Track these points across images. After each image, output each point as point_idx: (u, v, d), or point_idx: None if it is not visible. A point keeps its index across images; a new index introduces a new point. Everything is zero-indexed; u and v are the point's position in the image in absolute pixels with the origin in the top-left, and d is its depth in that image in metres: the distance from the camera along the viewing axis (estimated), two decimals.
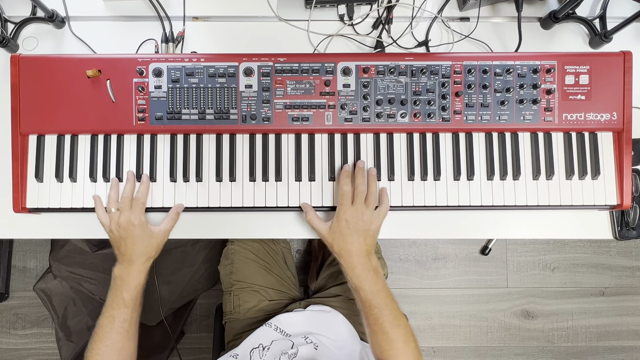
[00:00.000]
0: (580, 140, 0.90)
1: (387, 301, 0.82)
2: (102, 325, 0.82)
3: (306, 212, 0.86)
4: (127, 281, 0.83)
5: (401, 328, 0.81)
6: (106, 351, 0.81)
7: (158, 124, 0.87)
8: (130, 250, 0.83)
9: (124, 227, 0.83)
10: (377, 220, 0.84)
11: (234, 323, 1.13)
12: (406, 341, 0.81)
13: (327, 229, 0.84)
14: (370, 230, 0.83)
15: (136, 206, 0.84)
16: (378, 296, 0.81)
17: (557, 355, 1.92)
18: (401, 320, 0.82)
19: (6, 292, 1.85)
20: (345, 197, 0.83)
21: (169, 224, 0.86)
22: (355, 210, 0.82)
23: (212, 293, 1.82)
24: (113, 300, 0.83)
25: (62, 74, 0.86)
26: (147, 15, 0.95)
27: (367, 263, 0.82)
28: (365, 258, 0.82)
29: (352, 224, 0.81)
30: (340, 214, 0.83)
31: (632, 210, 0.91)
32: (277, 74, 0.87)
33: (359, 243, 0.82)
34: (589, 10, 0.97)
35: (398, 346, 0.80)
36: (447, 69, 0.87)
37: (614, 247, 1.94)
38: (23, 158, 0.88)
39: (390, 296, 0.83)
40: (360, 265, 0.82)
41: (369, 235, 0.82)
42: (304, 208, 0.87)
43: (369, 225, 0.82)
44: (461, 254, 1.93)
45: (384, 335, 0.80)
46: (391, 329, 0.80)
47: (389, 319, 0.81)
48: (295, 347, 0.89)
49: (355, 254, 0.82)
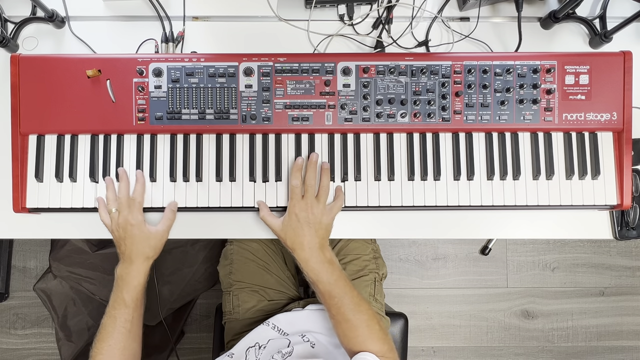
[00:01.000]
0: (580, 140, 0.90)
1: (346, 289, 0.82)
2: (105, 325, 0.83)
3: (260, 209, 0.87)
4: (128, 281, 0.83)
5: (362, 313, 0.81)
6: (109, 351, 0.81)
7: (158, 124, 0.87)
8: (129, 250, 0.83)
9: (122, 227, 0.83)
10: (329, 214, 0.84)
11: (234, 323, 1.13)
12: (369, 324, 0.81)
13: (279, 224, 0.85)
14: (322, 224, 0.83)
15: (133, 206, 0.84)
16: (336, 286, 0.82)
17: (557, 355, 1.92)
18: (362, 306, 0.82)
19: (6, 292, 1.85)
20: (294, 191, 0.84)
21: (165, 223, 0.86)
22: (304, 204, 0.83)
23: (212, 293, 1.82)
24: (115, 300, 0.84)
25: (62, 74, 0.86)
26: (147, 15, 0.95)
27: (321, 255, 0.82)
28: (318, 251, 0.82)
29: (302, 217, 0.82)
30: (291, 208, 0.83)
31: (632, 210, 0.91)
32: (277, 74, 0.87)
33: (310, 236, 0.82)
34: (589, 10, 0.97)
35: (362, 331, 0.80)
36: (447, 69, 0.87)
37: (614, 247, 1.94)
38: (23, 158, 0.87)
39: (348, 284, 0.83)
40: (314, 258, 0.82)
41: (320, 228, 0.83)
42: (259, 205, 0.87)
43: (320, 218, 0.83)
44: (461, 254, 1.93)
45: (347, 323, 0.81)
46: (353, 316, 0.81)
47: (350, 306, 0.81)
48: (291, 345, 0.89)
49: (308, 247, 0.82)
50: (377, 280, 1.15)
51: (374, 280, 1.14)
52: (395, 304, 1.89)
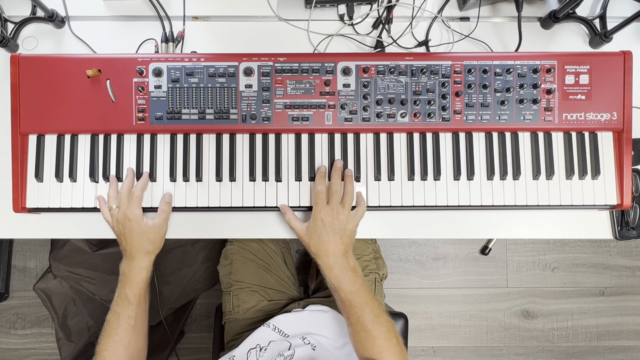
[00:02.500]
0: (580, 140, 0.90)
1: (367, 299, 0.81)
2: (109, 321, 0.84)
3: (284, 213, 0.86)
4: (130, 277, 0.83)
5: (382, 325, 0.80)
6: (113, 347, 0.82)
7: (158, 124, 0.87)
8: (129, 245, 0.83)
9: (121, 223, 0.83)
10: (354, 220, 0.84)
11: (234, 323, 1.13)
12: (388, 338, 0.80)
13: (304, 229, 0.84)
14: (347, 230, 0.82)
15: (131, 200, 0.84)
16: (358, 295, 0.81)
17: (557, 355, 1.92)
18: (382, 318, 0.81)
19: (6, 292, 1.85)
20: (319, 196, 0.83)
21: (161, 216, 0.86)
22: (330, 209, 0.82)
23: (212, 293, 1.82)
24: (118, 296, 0.84)
25: (62, 74, 0.86)
26: (147, 15, 0.95)
27: (344, 263, 0.82)
28: (342, 258, 0.82)
29: (327, 223, 0.81)
30: (316, 214, 0.82)
31: (632, 210, 0.91)
32: (277, 74, 0.87)
33: (335, 242, 0.81)
34: (589, 10, 0.97)
35: (380, 343, 0.79)
36: (447, 68, 0.87)
37: (614, 247, 1.94)
38: (23, 158, 0.87)
39: (370, 294, 0.82)
40: (338, 265, 0.81)
41: (345, 235, 0.82)
42: (282, 209, 0.87)
43: (345, 225, 0.82)
44: (461, 254, 1.93)
45: (365, 333, 0.80)
46: (372, 327, 0.80)
47: (370, 317, 0.80)
48: (292, 348, 0.89)
49: (332, 253, 0.81)
50: (377, 280, 1.15)
51: (374, 280, 1.14)
52: (395, 304, 1.89)
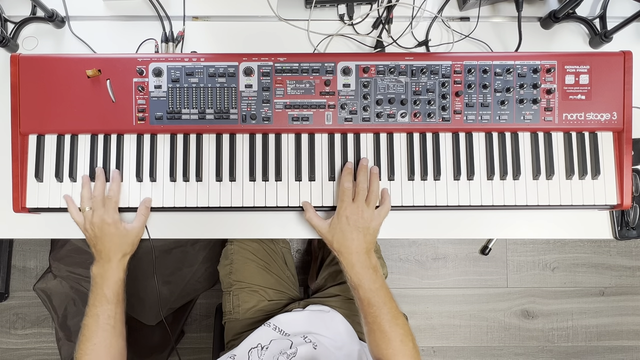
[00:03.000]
0: (581, 140, 0.90)
1: (386, 299, 0.81)
2: (87, 325, 0.82)
3: (306, 210, 0.86)
4: (107, 278, 0.83)
5: (399, 327, 0.81)
6: (94, 350, 0.81)
7: (158, 124, 0.87)
8: (107, 248, 0.83)
9: (98, 226, 0.83)
10: (378, 219, 0.84)
11: (234, 323, 1.13)
12: (403, 340, 0.80)
13: (326, 226, 0.84)
14: (370, 228, 0.82)
15: (109, 205, 0.84)
16: (377, 294, 0.81)
17: (557, 355, 1.92)
18: (399, 319, 0.81)
19: (6, 292, 1.85)
20: (346, 194, 0.83)
21: (140, 219, 0.86)
22: (356, 207, 0.82)
23: (212, 293, 1.82)
24: (95, 298, 0.83)
25: (62, 74, 0.86)
26: (147, 15, 0.95)
27: (367, 261, 0.82)
28: (364, 256, 0.82)
29: (352, 220, 0.81)
30: (341, 211, 0.82)
31: (632, 210, 0.91)
32: (277, 74, 0.87)
33: (358, 240, 0.81)
34: (589, 10, 0.97)
35: (395, 345, 0.80)
36: (447, 68, 0.87)
37: (614, 247, 1.94)
38: (23, 158, 0.87)
39: (389, 295, 0.83)
40: (360, 262, 0.81)
41: (368, 233, 0.82)
42: (304, 206, 0.87)
43: (369, 223, 0.82)
44: (461, 254, 1.93)
45: (381, 334, 0.80)
46: (389, 328, 0.80)
47: (387, 317, 0.80)
48: (294, 346, 0.89)
49: (355, 251, 0.81)
50: None
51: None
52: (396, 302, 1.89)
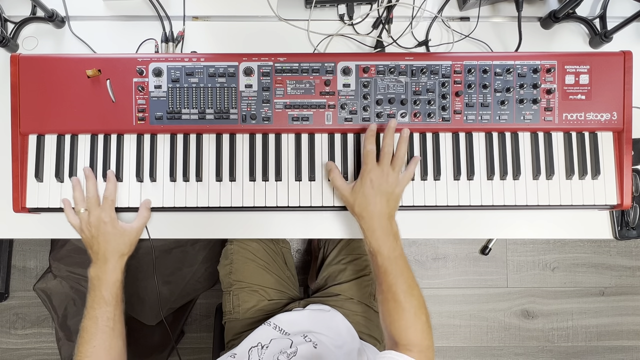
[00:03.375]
0: (581, 140, 0.90)
1: (404, 269, 0.79)
2: (86, 327, 0.82)
3: (330, 171, 0.85)
4: (105, 279, 0.83)
5: (414, 298, 0.78)
6: (94, 352, 0.80)
7: (158, 124, 0.87)
8: (103, 248, 0.83)
9: (95, 226, 0.83)
10: (402, 184, 0.82)
11: (234, 323, 1.13)
12: (417, 313, 0.78)
13: (349, 188, 0.82)
14: (394, 194, 0.80)
15: (106, 204, 0.84)
16: (395, 263, 0.79)
17: (557, 355, 1.92)
18: (415, 290, 0.79)
19: (6, 292, 1.85)
20: (369, 156, 0.81)
21: (140, 221, 0.86)
22: (380, 170, 0.80)
23: (212, 293, 1.82)
24: (93, 300, 0.82)
25: (62, 74, 0.86)
26: (147, 15, 0.95)
27: (388, 227, 0.80)
28: (386, 221, 0.80)
29: (376, 184, 0.79)
30: (365, 174, 0.80)
31: (632, 210, 0.91)
32: (277, 74, 0.87)
33: (381, 205, 0.79)
34: (589, 10, 0.97)
35: (408, 317, 0.77)
36: (447, 68, 0.87)
37: (614, 247, 1.94)
38: (23, 158, 0.87)
39: (407, 265, 0.80)
40: (381, 228, 0.79)
41: (392, 199, 0.80)
42: (327, 166, 0.86)
43: (394, 188, 0.80)
44: (461, 254, 1.93)
45: (395, 303, 0.78)
46: (404, 298, 0.78)
47: (403, 287, 0.78)
48: (294, 345, 0.89)
49: (377, 215, 0.79)
50: None
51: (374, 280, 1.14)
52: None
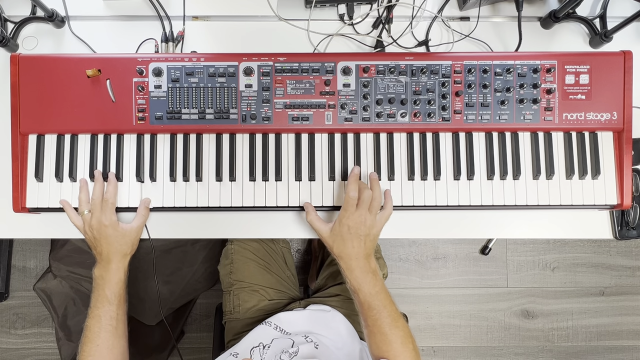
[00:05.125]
0: (581, 140, 0.90)
1: (386, 302, 0.82)
2: (89, 326, 0.83)
3: (307, 212, 0.86)
4: (108, 279, 0.84)
5: (399, 329, 0.81)
6: (97, 351, 0.81)
7: (158, 124, 0.87)
8: (106, 249, 0.84)
9: (96, 229, 0.84)
10: (379, 224, 0.84)
11: (234, 323, 1.13)
12: (404, 342, 0.81)
13: (328, 230, 0.84)
14: (371, 235, 0.83)
15: (106, 207, 0.84)
16: (377, 298, 0.81)
17: (557, 355, 1.92)
18: (399, 322, 0.82)
19: (6, 291, 1.85)
20: (350, 203, 0.83)
21: (139, 220, 0.87)
22: (358, 215, 0.82)
23: (212, 293, 1.82)
24: (97, 299, 0.84)
25: (62, 74, 0.86)
26: (147, 14, 0.95)
27: (366, 266, 0.82)
28: (364, 261, 0.82)
29: (353, 229, 0.81)
30: (343, 220, 0.82)
31: (632, 210, 0.91)
32: (277, 74, 0.87)
33: (359, 247, 0.82)
34: (589, 9, 0.97)
35: (396, 347, 0.80)
36: (447, 68, 0.87)
37: (614, 246, 1.94)
38: (23, 158, 0.87)
39: (388, 297, 0.83)
40: (359, 268, 0.82)
41: (369, 240, 0.82)
42: (305, 208, 0.87)
43: (370, 230, 0.82)
44: (461, 254, 1.93)
45: (382, 336, 0.81)
46: (389, 330, 0.80)
47: (388, 320, 0.81)
48: (295, 345, 0.89)
49: (355, 257, 0.82)
50: None
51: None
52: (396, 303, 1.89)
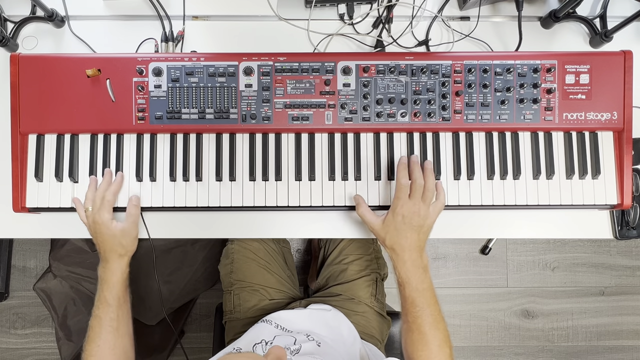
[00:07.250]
0: (581, 140, 0.89)
1: (431, 302, 0.80)
2: (92, 326, 0.84)
3: (358, 205, 0.85)
4: (107, 280, 0.84)
5: (439, 331, 0.79)
6: (98, 352, 0.82)
7: (158, 124, 0.87)
8: (102, 248, 0.84)
9: (92, 227, 0.85)
10: (433, 216, 0.82)
11: (234, 322, 1.12)
12: (441, 345, 0.79)
13: (380, 222, 0.83)
14: (425, 226, 0.81)
15: (102, 205, 0.84)
16: (422, 295, 0.80)
17: (557, 355, 1.92)
18: (440, 324, 0.80)
19: (6, 291, 1.85)
20: (402, 190, 0.81)
21: (129, 219, 0.86)
22: (412, 205, 0.80)
23: (212, 292, 1.82)
24: (98, 300, 0.84)
25: (62, 74, 0.86)
26: (147, 14, 0.95)
27: (419, 260, 0.81)
28: (417, 254, 0.81)
29: (408, 219, 0.80)
30: (397, 209, 0.81)
31: (632, 210, 0.91)
32: (277, 73, 0.87)
33: (412, 239, 0.80)
34: (589, 9, 0.97)
35: (432, 348, 0.78)
36: (448, 68, 0.87)
37: (614, 246, 1.94)
38: (23, 158, 0.87)
39: (434, 297, 0.81)
40: (412, 261, 0.80)
41: (422, 232, 0.81)
42: (356, 200, 0.86)
43: (424, 221, 0.81)
44: (461, 254, 1.93)
45: (420, 335, 0.79)
46: (429, 330, 0.79)
47: (429, 319, 0.79)
48: (297, 343, 0.89)
49: (408, 249, 0.80)
50: (378, 280, 1.15)
51: (375, 280, 1.14)
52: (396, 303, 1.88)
